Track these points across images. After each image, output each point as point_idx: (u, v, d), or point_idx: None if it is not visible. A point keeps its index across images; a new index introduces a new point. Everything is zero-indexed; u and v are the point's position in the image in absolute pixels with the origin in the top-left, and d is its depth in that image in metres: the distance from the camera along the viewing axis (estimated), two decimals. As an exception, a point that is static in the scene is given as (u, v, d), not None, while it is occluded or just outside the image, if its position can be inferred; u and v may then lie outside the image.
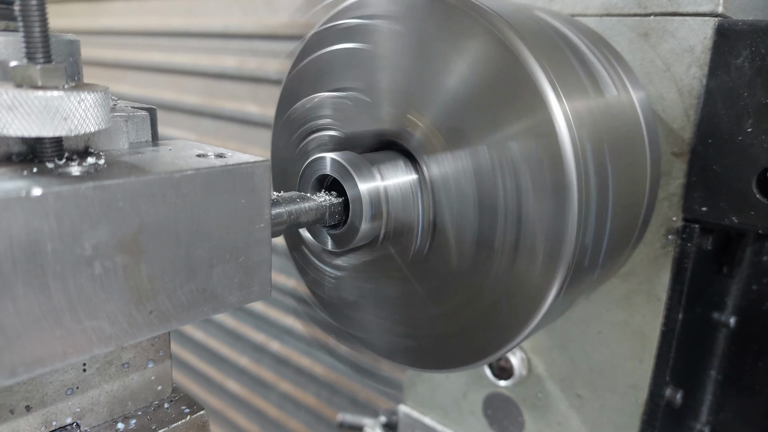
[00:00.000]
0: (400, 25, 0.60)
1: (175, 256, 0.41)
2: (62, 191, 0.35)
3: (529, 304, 0.56)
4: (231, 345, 2.34)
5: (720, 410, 0.91)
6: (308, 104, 0.69)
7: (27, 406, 0.46)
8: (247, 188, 0.45)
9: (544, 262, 0.54)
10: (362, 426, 1.25)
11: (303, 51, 0.69)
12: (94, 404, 0.50)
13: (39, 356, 0.36)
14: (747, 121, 0.69)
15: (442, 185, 0.59)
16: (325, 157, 0.59)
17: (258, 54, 1.96)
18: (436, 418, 1.08)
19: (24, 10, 0.38)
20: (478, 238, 0.57)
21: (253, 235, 0.46)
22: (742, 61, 0.69)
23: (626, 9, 0.77)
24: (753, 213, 0.70)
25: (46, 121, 0.37)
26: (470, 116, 0.56)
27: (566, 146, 0.52)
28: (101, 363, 0.50)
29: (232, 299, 0.46)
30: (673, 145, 0.75)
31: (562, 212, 0.52)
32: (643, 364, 0.81)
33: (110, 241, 0.38)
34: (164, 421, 0.52)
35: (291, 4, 1.80)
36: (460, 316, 0.61)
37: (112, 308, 0.39)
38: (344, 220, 0.59)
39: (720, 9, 0.71)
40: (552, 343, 0.89)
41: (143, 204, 0.39)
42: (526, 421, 0.95)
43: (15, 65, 0.38)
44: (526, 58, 0.53)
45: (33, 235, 0.34)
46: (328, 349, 1.78)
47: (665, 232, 0.77)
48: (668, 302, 0.78)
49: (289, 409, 2.13)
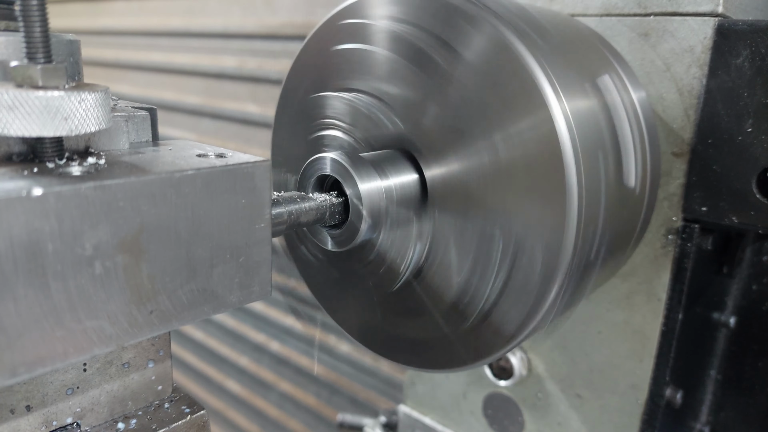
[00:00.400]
0: (401, 25, 0.60)
1: (176, 255, 0.41)
2: (63, 191, 0.35)
3: (529, 305, 0.56)
4: (231, 345, 2.33)
5: (720, 410, 0.91)
6: (311, 103, 0.69)
7: (27, 406, 0.46)
8: (247, 188, 0.45)
9: (544, 262, 0.54)
10: (362, 426, 1.25)
11: (305, 49, 0.69)
12: (94, 404, 0.50)
13: (40, 356, 0.36)
14: (747, 121, 0.69)
15: (443, 185, 0.59)
16: (325, 157, 0.59)
17: (258, 54, 1.96)
18: (436, 418, 1.08)
19: (25, 10, 0.38)
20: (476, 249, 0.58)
21: (254, 234, 0.46)
22: (742, 61, 0.69)
23: (626, 9, 0.77)
24: (753, 213, 0.70)
25: (47, 121, 0.37)
26: (471, 116, 0.56)
27: (566, 146, 0.52)
28: (102, 363, 0.50)
29: (232, 299, 0.46)
30: (673, 145, 0.75)
31: (562, 212, 0.52)
32: (643, 364, 0.81)
33: (111, 241, 0.38)
34: (164, 421, 0.52)
35: (291, 4, 1.80)
36: (460, 316, 0.61)
37: (113, 308, 0.39)
38: (344, 220, 0.59)
39: (720, 9, 0.71)
40: (552, 343, 0.89)
41: (144, 204, 0.39)
42: (526, 421, 0.95)
43: (15, 65, 0.38)
44: (526, 59, 0.53)
45: (34, 234, 0.34)
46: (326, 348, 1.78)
47: (665, 232, 0.77)
48: (668, 302, 0.78)
49: (289, 409, 2.13)
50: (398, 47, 0.60)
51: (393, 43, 0.61)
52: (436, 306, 0.62)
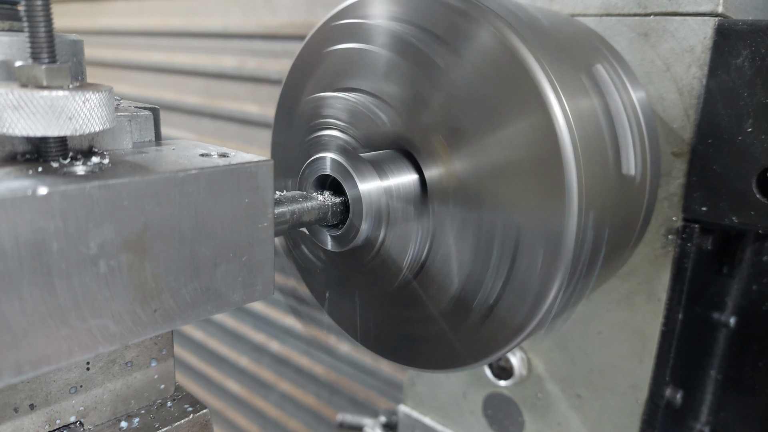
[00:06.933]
0: (401, 25, 0.60)
1: (180, 254, 0.42)
2: (68, 190, 0.35)
3: (530, 304, 0.56)
4: (231, 345, 2.34)
5: (720, 410, 0.91)
6: (311, 102, 0.69)
7: (31, 405, 0.46)
8: (250, 187, 0.45)
9: (545, 262, 0.54)
10: (362, 426, 1.25)
11: (305, 49, 0.70)
12: (97, 403, 0.50)
13: (44, 354, 0.36)
14: (747, 121, 0.69)
15: (442, 185, 0.60)
16: (326, 157, 0.59)
17: (258, 54, 1.96)
18: (436, 418, 1.08)
19: (29, 11, 0.38)
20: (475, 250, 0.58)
21: (257, 234, 0.46)
22: (742, 61, 0.69)
23: (626, 9, 0.78)
24: (753, 213, 0.70)
25: (51, 120, 0.37)
26: (471, 116, 0.56)
27: (566, 146, 0.52)
28: (105, 362, 0.50)
29: (235, 298, 0.46)
30: (673, 145, 0.75)
31: (562, 212, 0.53)
32: (643, 364, 0.81)
33: (115, 240, 0.38)
34: (167, 420, 0.52)
35: (291, 4, 1.80)
36: (460, 316, 0.61)
37: (117, 307, 0.39)
38: (344, 220, 0.59)
39: (720, 9, 0.71)
40: (552, 343, 0.89)
41: (148, 203, 0.39)
42: (526, 421, 0.95)
43: (20, 65, 0.39)
44: (526, 59, 0.53)
45: (39, 233, 0.34)
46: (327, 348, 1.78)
47: (665, 232, 0.77)
48: (668, 302, 0.78)
49: (289, 409, 2.13)
50: (398, 47, 0.60)
51: (393, 43, 0.61)
52: (436, 305, 0.62)
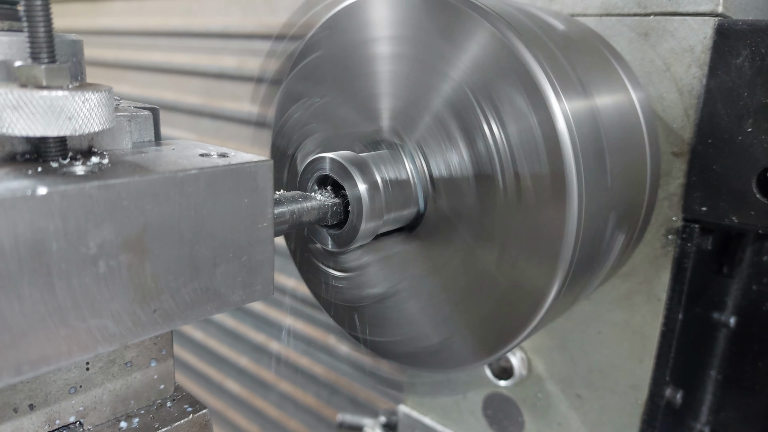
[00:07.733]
0: (401, 24, 0.60)
1: (179, 254, 0.41)
2: (67, 190, 0.35)
3: (529, 304, 0.56)
4: (231, 345, 2.34)
5: (720, 410, 0.91)
6: (311, 103, 0.69)
7: (30, 405, 0.46)
8: (250, 187, 0.45)
9: (544, 262, 0.54)
10: (362, 426, 1.25)
11: (303, 52, 0.70)
12: (97, 403, 0.50)
13: (44, 354, 0.36)
14: (747, 121, 0.69)
15: (442, 184, 0.60)
16: (325, 157, 0.59)
17: (258, 54, 1.96)
18: (436, 418, 1.08)
19: (29, 11, 0.38)
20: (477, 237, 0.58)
21: (256, 234, 0.46)
22: (742, 60, 0.69)
23: (626, 9, 0.78)
24: (753, 213, 0.70)
25: (51, 120, 0.37)
26: (470, 116, 0.56)
27: (566, 146, 0.52)
28: (104, 362, 0.50)
29: (235, 298, 0.46)
30: (673, 145, 0.75)
31: (562, 212, 0.53)
32: (643, 364, 0.81)
33: (115, 240, 0.38)
34: (167, 420, 0.52)
35: (291, 4, 1.80)
36: (460, 315, 0.61)
37: (117, 307, 0.39)
38: (344, 220, 0.59)
39: (720, 9, 0.71)
40: (552, 343, 0.89)
41: (147, 203, 0.39)
42: (526, 421, 0.95)
43: (19, 65, 0.39)
44: (526, 59, 0.53)
45: (38, 233, 0.34)
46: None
47: (665, 232, 0.77)
48: (668, 302, 0.78)
49: (289, 409, 2.13)
50: (398, 47, 0.60)
51: (392, 43, 0.61)
52: (435, 305, 0.62)
